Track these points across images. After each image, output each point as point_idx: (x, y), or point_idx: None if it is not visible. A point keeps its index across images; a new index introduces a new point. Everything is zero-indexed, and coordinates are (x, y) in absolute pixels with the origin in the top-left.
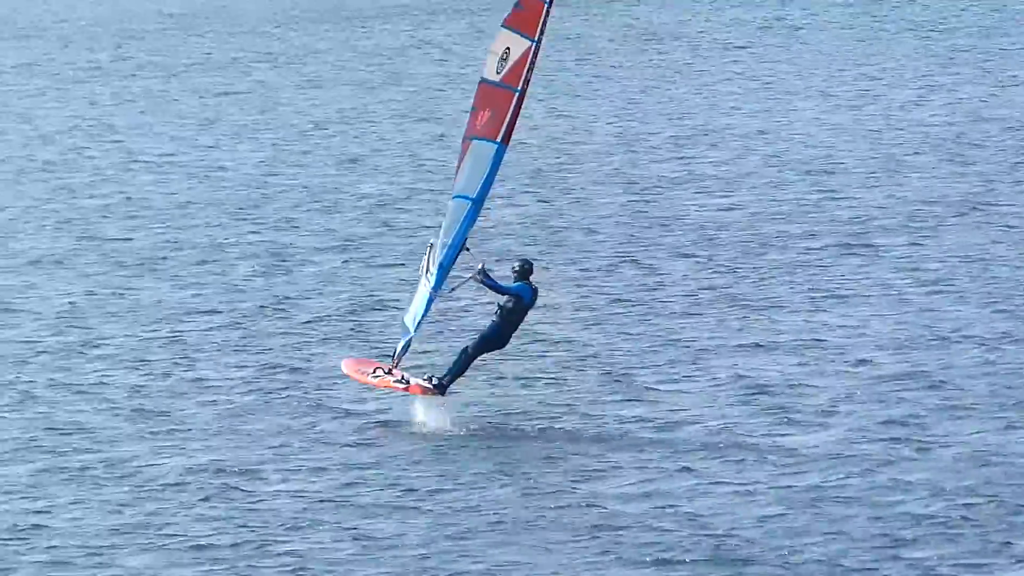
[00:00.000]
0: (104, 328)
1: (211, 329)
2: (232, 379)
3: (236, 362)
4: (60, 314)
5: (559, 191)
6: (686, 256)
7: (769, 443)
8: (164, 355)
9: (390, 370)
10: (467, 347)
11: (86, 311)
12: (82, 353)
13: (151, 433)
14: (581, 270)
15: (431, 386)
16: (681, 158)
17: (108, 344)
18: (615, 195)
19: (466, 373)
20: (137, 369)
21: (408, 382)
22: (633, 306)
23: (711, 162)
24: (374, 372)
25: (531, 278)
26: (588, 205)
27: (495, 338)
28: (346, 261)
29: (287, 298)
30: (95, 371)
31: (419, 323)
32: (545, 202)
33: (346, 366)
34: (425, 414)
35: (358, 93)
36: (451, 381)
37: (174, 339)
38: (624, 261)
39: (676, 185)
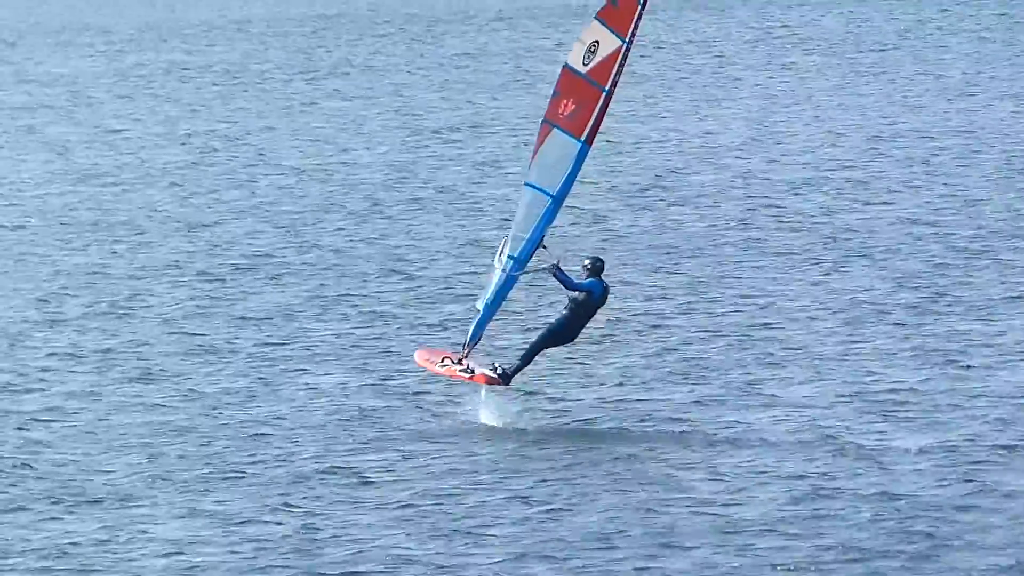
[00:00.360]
0: (230, 332)
1: (338, 334)
2: (355, 383)
3: (359, 366)
4: (187, 316)
5: (688, 193)
6: (811, 261)
7: (884, 448)
8: (288, 358)
9: (460, 359)
10: (535, 340)
11: (213, 314)
12: (207, 356)
13: (272, 437)
14: (704, 274)
15: (496, 375)
16: (811, 161)
17: (233, 348)
18: (744, 197)
19: (533, 365)
20: (260, 373)
21: (473, 371)
22: (757, 310)
23: (844, 165)
24: (442, 361)
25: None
26: (716, 207)
27: (563, 332)
28: (473, 265)
29: (418, 300)
30: (219, 374)
31: (493, 306)
32: (678, 205)
33: (418, 356)
34: (547, 421)
35: (495, 96)
36: (516, 372)
37: (299, 342)
38: (747, 265)
39: (806, 188)
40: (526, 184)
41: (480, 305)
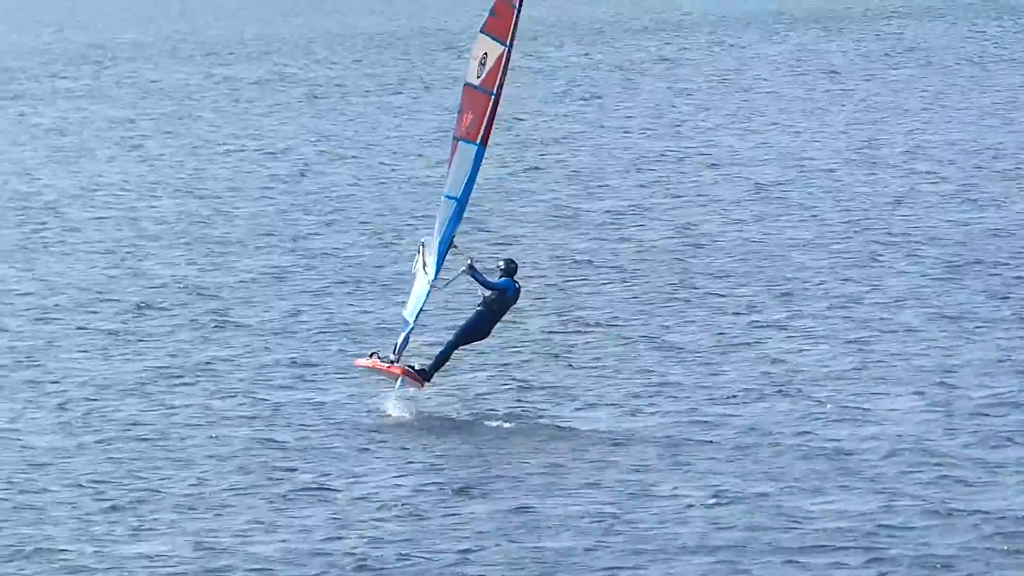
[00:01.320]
0: (316, 344)
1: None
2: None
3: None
4: (276, 331)
5: (783, 206)
6: (905, 273)
7: (975, 464)
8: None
9: (392, 363)
10: (450, 339)
11: (301, 327)
12: (295, 369)
13: (375, 452)
14: (798, 286)
15: (415, 371)
16: (909, 174)
17: (321, 361)
18: (840, 210)
19: (450, 362)
20: (343, 386)
21: (392, 363)
22: (847, 322)
23: (941, 178)
24: (370, 356)
25: (515, 276)
26: (812, 220)
27: (477, 329)
28: (567, 278)
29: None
30: (305, 388)
31: (417, 314)
32: (772, 218)
33: (356, 363)
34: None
35: (589, 109)
36: (434, 369)
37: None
38: (840, 278)
39: (903, 201)
40: (444, 197)
41: (407, 314)
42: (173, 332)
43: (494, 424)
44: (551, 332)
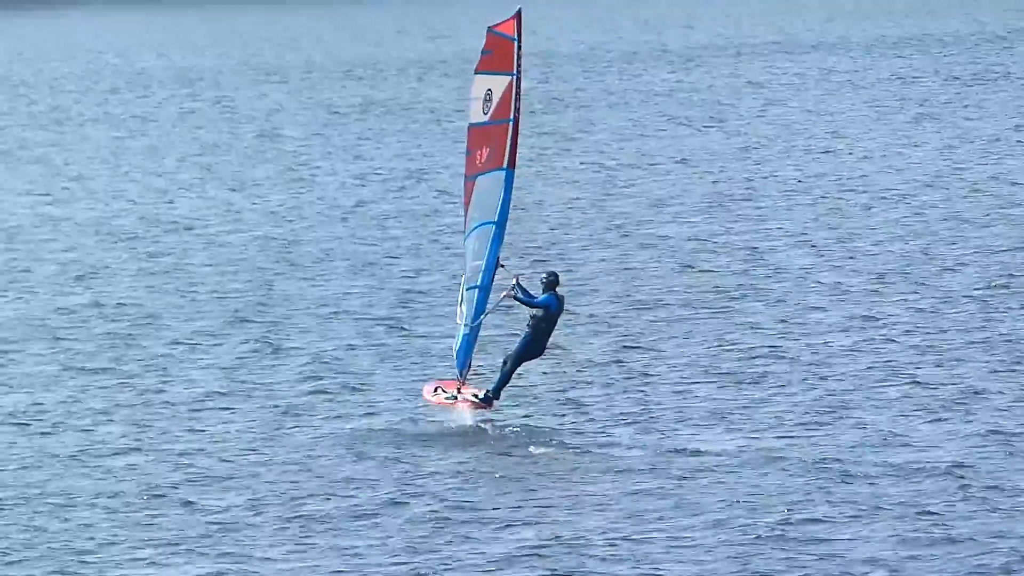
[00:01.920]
0: (378, 371)
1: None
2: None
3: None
4: (331, 359)
5: (859, 233)
6: (975, 300)
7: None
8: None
9: (458, 388)
10: (506, 359)
11: (361, 353)
12: (350, 394)
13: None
14: (868, 315)
15: (479, 400)
16: (989, 201)
17: (378, 389)
18: (915, 237)
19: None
20: (404, 409)
21: (455, 398)
22: (917, 348)
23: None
24: (435, 391)
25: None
26: (886, 248)
27: (531, 348)
28: (635, 302)
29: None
30: (355, 413)
31: (466, 357)
32: (852, 241)
33: (425, 391)
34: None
35: (680, 133)
36: (496, 393)
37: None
38: (914, 308)
39: (979, 229)
40: (469, 232)
41: (455, 351)
42: (236, 355)
43: (551, 449)
44: (614, 354)
